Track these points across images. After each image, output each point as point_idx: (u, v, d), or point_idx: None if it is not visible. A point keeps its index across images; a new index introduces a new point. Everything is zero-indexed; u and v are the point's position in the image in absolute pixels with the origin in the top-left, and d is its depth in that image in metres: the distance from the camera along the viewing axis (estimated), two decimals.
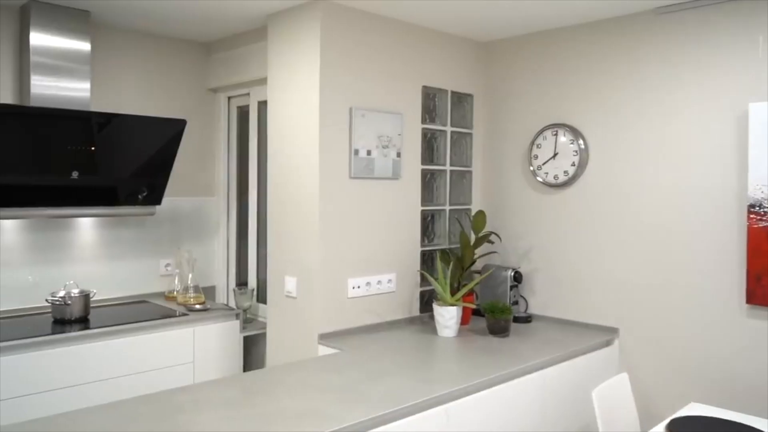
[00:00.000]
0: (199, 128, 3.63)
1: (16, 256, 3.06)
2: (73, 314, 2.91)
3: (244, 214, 3.66)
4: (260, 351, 3.42)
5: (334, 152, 2.78)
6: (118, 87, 3.35)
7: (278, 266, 2.95)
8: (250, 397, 2.01)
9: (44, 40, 2.92)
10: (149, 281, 3.51)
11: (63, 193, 2.96)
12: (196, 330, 3.06)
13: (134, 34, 3.41)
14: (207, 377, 3.08)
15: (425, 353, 2.58)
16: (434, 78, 3.20)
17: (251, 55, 3.34)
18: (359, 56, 2.86)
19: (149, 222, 3.48)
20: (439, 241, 3.28)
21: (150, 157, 3.14)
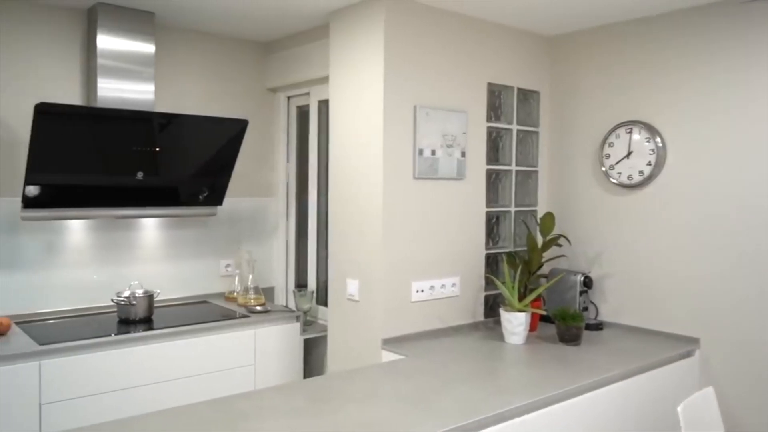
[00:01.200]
0: (258, 128, 3.62)
1: (83, 256, 3.10)
2: (137, 314, 2.93)
3: (303, 214, 3.62)
4: (320, 354, 3.37)
5: (397, 152, 2.70)
6: (180, 88, 3.36)
7: (339, 268, 2.89)
8: (316, 406, 1.95)
9: (110, 43, 2.94)
10: (210, 281, 3.51)
11: (127, 193, 2.99)
12: (257, 332, 3.04)
13: (195, 34, 3.42)
14: (268, 380, 3.06)
15: (494, 361, 2.47)
16: (499, 74, 3.08)
17: (311, 54, 3.30)
18: (423, 53, 2.77)
19: (210, 222, 3.49)
20: (504, 244, 3.16)
21: (211, 158, 3.14)
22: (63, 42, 3.01)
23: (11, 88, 2.87)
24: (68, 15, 3.02)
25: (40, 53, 2.96)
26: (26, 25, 2.92)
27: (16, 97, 2.87)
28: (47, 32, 2.97)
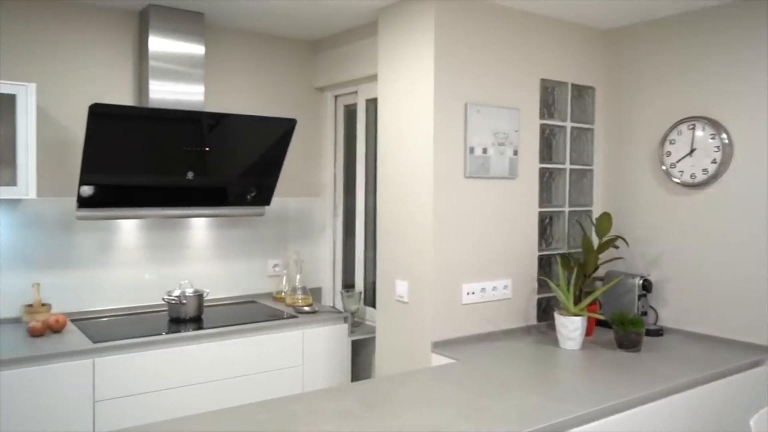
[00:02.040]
0: (306, 128, 3.60)
1: (134, 255, 3.14)
2: (187, 314, 2.94)
3: (350, 214, 3.59)
4: (367, 355, 3.33)
5: (448, 150, 2.64)
6: (228, 88, 3.37)
7: (388, 269, 2.85)
8: (368, 410, 1.91)
9: (162, 45, 2.97)
10: (258, 281, 3.51)
11: (177, 193, 3.01)
12: (305, 333, 3.02)
13: (243, 34, 3.43)
14: (316, 381, 3.03)
15: (549, 367, 2.38)
16: (553, 70, 2.98)
17: (360, 52, 3.26)
18: (474, 49, 2.70)
19: (258, 222, 3.49)
20: (558, 245, 3.06)
21: (260, 157, 3.14)
22: (116, 44, 3.05)
23: (66, 90, 2.92)
24: (121, 17, 3.06)
25: (94, 55, 3.01)
26: (80, 28, 2.97)
27: (71, 98, 2.92)
28: (101, 35, 3.02)
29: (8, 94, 2.57)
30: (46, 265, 2.90)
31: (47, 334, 2.64)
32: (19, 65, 2.81)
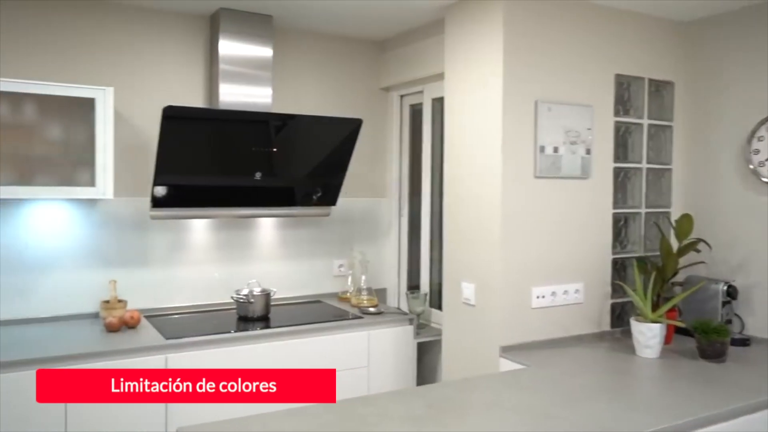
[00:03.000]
0: (371, 128, 3.58)
1: (204, 254, 3.21)
2: (255, 312, 2.98)
3: (416, 215, 3.56)
4: (433, 358, 3.29)
5: (517, 149, 2.56)
6: (295, 89, 3.40)
7: (455, 271, 2.79)
8: (437, 416, 1.86)
9: (231, 48, 3.02)
10: (323, 281, 3.53)
11: (246, 194, 3.06)
12: (370, 334, 3.00)
13: (310, 35, 3.45)
14: (381, 383, 3.01)
15: (625, 375, 2.27)
16: (628, 65, 2.85)
17: (426, 51, 3.22)
18: (545, 45, 2.61)
19: (324, 222, 3.50)
20: (634, 248, 2.92)
21: (326, 158, 3.15)
22: (187, 48, 3.13)
23: (141, 94, 3.01)
24: (192, 21, 3.13)
25: (167, 60, 3.09)
26: (154, 33, 3.06)
27: (146, 101, 3.01)
28: (173, 39, 3.10)
29: (88, 98, 2.67)
30: (122, 262, 3.00)
31: (123, 329, 2.73)
32: (98, 70, 2.92)
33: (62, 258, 2.89)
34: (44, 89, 2.60)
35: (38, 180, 2.67)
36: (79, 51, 2.89)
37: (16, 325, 2.76)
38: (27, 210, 2.82)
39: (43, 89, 2.60)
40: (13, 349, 2.41)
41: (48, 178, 2.69)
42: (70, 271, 2.90)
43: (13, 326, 2.74)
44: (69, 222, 2.90)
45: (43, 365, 2.29)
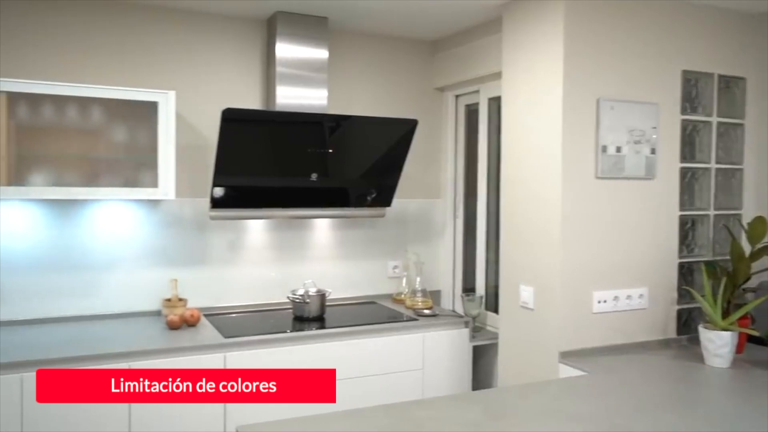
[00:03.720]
0: (425, 129, 3.55)
1: (261, 254, 3.25)
2: (311, 312, 3.00)
3: (471, 216, 3.51)
4: (488, 362, 3.23)
5: (578, 149, 2.49)
6: (350, 90, 3.41)
7: (512, 274, 2.74)
8: (493, 421, 1.82)
9: (288, 51, 3.05)
10: (377, 282, 3.52)
11: (301, 194, 3.08)
12: (425, 336, 2.97)
13: (364, 36, 3.45)
14: (436, 387, 2.98)
15: (692, 385, 2.17)
16: (696, 60, 2.73)
17: (482, 50, 3.17)
18: (607, 41, 2.53)
19: (378, 223, 3.49)
20: (701, 252, 2.80)
21: (381, 158, 3.14)
22: (245, 51, 3.18)
23: (200, 97, 3.08)
24: (250, 25, 3.18)
25: (226, 63, 3.15)
26: (213, 38, 3.12)
27: (205, 104, 3.07)
28: (231, 43, 3.15)
29: (151, 102, 2.74)
30: (183, 262, 3.07)
31: (183, 327, 2.79)
32: (160, 74, 3.00)
33: (126, 257, 2.98)
34: (110, 93, 2.68)
35: (104, 181, 2.76)
36: (142, 56, 2.98)
37: (82, 321, 2.86)
38: (93, 210, 2.91)
39: (109, 93, 2.68)
40: (80, 345, 2.49)
41: (113, 180, 2.78)
42: (133, 269, 2.99)
43: (79, 322, 2.84)
44: (132, 222, 2.99)
45: (107, 362, 2.37)
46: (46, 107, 2.66)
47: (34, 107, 2.64)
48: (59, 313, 2.85)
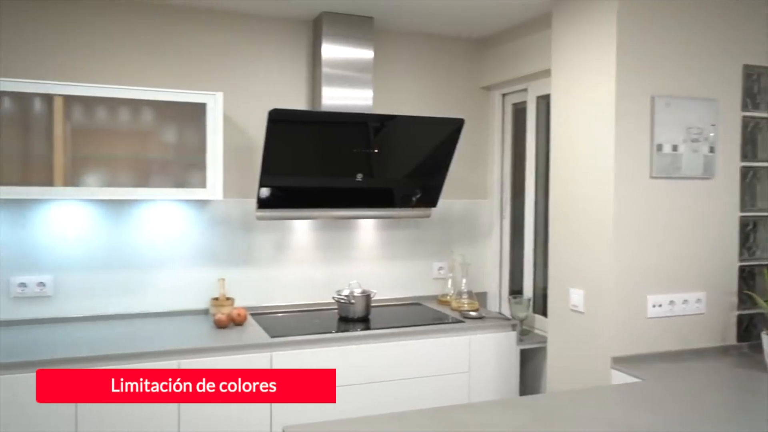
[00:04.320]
0: (471, 128, 3.49)
1: (306, 254, 3.26)
2: (356, 313, 2.99)
3: (518, 217, 3.44)
4: (536, 366, 3.16)
5: (631, 148, 2.41)
6: (395, 90, 3.38)
7: (561, 276, 2.67)
8: (544, 429, 1.77)
9: (334, 52, 3.05)
10: (422, 283, 3.49)
11: (347, 195, 3.07)
12: (471, 339, 2.93)
13: (409, 35, 3.42)
14: (482, 390, 2.93)
15: (756, 395, 2.06)
16: (758, 54, 2.60)
17: (530, 48, 3.10)
18: (663, 35, 2.44)
19: (423, 224, 3.46)
20: (764, 255, 2.66)
21: (426, 158, 3.11)
22: (291, 52, 3.19)
23: (247, 98, 3.10)
24: (295, 26, 3.19)
25: (272, 64, 3.16)
26: (260, 39, 3.14)
27: (252, 105, 3.09)
28: (277, 44, 3.17)
29: (199, 103, 2.78)
30: (230, 261, 3.10)
31: (230, 326, 2.81)
32: (208, 76, 3.04)
33: (175, 256, 3.03)
34: (161, 95, 2.73)
35: (154, 182, 2.82)
36: (191, 58, 3.02)
37: (133, 319, 2.92)
38: (143, 210, 2.97)
39: (160, 95, 2.73)
40: (131, 342, 2.55)
41: (163, 180, 2.83)
42: (182, 268, 3.04)
43: (130, 320, 2.91)
44: (181, 222, 3.04)
45: (157, 359, 2.41)
46: (99, 110, 2.73)
47: (88, 110, 2.71)
48: (111, 311, 2.92)
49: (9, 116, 2.58)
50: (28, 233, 2.81)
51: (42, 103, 2.60)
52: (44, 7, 2.79)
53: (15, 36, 2.76)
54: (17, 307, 2.80)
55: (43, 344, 2.52)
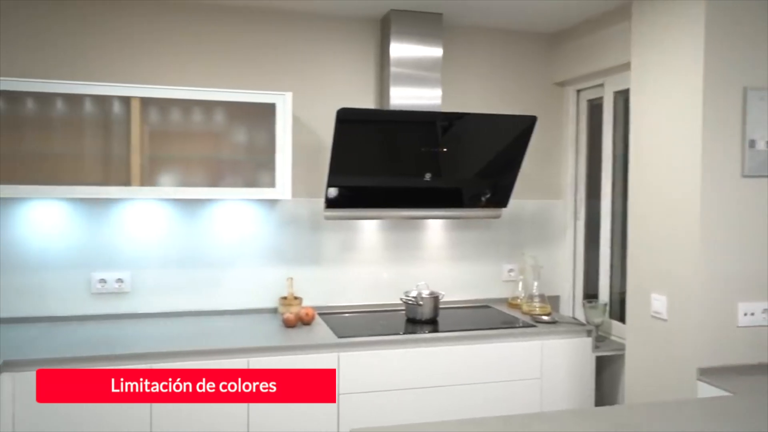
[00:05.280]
0: (544, 126, 3.37)
1: (373, 254, 3.23)
2: (423, 315, 2.94)
3: (594, 218, 3.29)
4: (612, 375, 3.02)
5: (721, 145, 2.25)
6: (464, 87, 3.31)
7: (641, 280, 2.53)
8: None
9: (402, 50, 3.01)
10: (491, 286, 3.40)
11: (414, 195, 3.03)
12: (544, 344, 2.82)
13: (478, 31, 3.33)
14: (555, 399, 2.82)
15: None
16: None
17: (607, 41, 2.96)
18: (755, 22, 2.26)
19: (492, 225, 3.37)
20: None
21: (497, 157, 3.02)
22: (358, 52, 3.17)
23: (315, 98, 3.11)
24: (363, 24, 3.17)
25: (339, 64, 3.16)
26: (328, 38, 3.14)
27: (319, 105, 3.09)
28: (345, 43, 3.16)
29: (269, 104, 2.80)
30: (298, 260, 3.12)
31: (298, 325, 2.82)
32: (277, 76, 3.06)
33: (244, 255, 3.07)
34: (232, 96, 2.77)
35: (225, 182, 2.86)
36: (259, 58, 3.05)
37: (203, 316, 2.98)
38: (214, 209, 3.03)
39: (231, 96, 2.77)
40: (204, 339, 2.60)
41: (234, 180, 2.87)
42: (251, 267, 3.07)
43: (200, 317, 2.96)
44: (251, 221, 3.07)
45: (226, 357, 2.44)
46: (173, 111, 2.79)
47: (163, 112, 2.78)
48: (183, 308, 2.99)
49: (90, 118, 2.68)
50: (107, 231, 2.91)
51: (120, 105, 2.68)
52: (119, 15, 2.88)
53: (98, 40, 2.86)
54: (97, 303, 2.90)
55: (121, 339, 2.60)
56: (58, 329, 2.71)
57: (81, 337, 2.60)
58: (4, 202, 2.77)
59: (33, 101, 2.63)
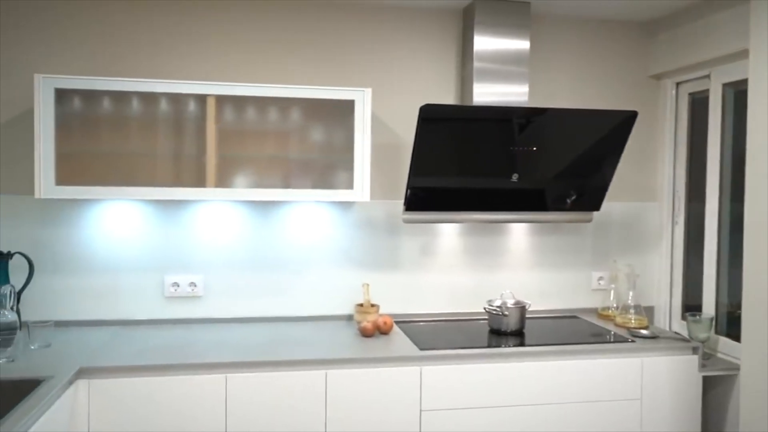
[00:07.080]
0: (638, 122, 3.09)
1: (453, 260, 3.05)
2: (509, 326, 2.74)
3: (695, 223, 3.01)
4: (721, 396, 2.74)
5: None
6: (551, 81, 3.09)
7: (762, 294, 2.25)
8: None
9: (486, 43, 2.82)
10: (579, 295, 3.16)
11: (498, 196, 2.83)
12: (644, 361, 2.57)
13: (567, 20, 3.10)
14: (657, 421, 2.57)
15: None
16: None
17: (716, 27, 2.69)
18: None
19: (579, 230, 3.14)
20: None
21: (588, 156, 2.79)
22: (439, 45, 3.00)
23: (393, 94, 2.95)
24: (444, 16, 2.99)
25: (418, 58, 2.99)
26: (407, 31, 2.98)
27: (398, 102, 2.94)
28: (425, 37, 2.99)
29: (347, 101, 2.65)
30: (374, 266, 2.97)
31: (376, 335, 2.67)
32: (355, 72, 2.93)
33: (318, 259, 2.94)
34: (309, 93, 2.64)
35: (300, 183, 2.73)
36: (337, 54, 2.92)
37: (276, 322, 2.88)
38: (288, 211, 2.91)
39: (309, 93, 2.64)
40: (277, 348, 2.47)
41: (309, 181, 2.74)
42: (325, 271, 2.95)
43: (273, 323, 2.86)
44: (326, 224, 2.94)
45: (304, 368, 2.31)
46: (248, 110, 2.68)
47: (239, 110, 2.67)
48: (256, 313, 2.89)
49: (164, 118, 2.60)
50: (180, 233, 2.84)
51: (196, 104, 2.59)
52: (192, 13, 2.80)
53: (170, 38, 2.79)
54: (170, 307, 2.83)
55: (195, 346, 2.50)
56: (131, 333, 2.65)
57: (155, 343, 2.52)
58: (78, 203, 2.73)
59: (109, 100, 2.56)
